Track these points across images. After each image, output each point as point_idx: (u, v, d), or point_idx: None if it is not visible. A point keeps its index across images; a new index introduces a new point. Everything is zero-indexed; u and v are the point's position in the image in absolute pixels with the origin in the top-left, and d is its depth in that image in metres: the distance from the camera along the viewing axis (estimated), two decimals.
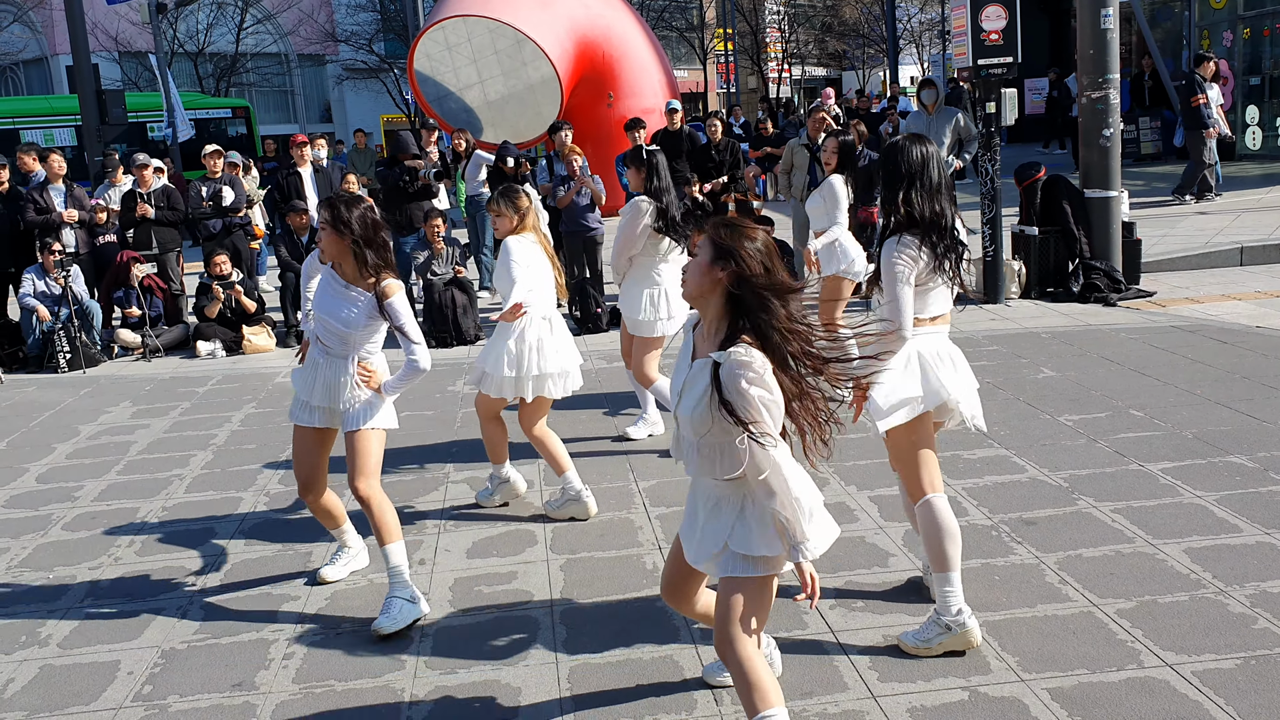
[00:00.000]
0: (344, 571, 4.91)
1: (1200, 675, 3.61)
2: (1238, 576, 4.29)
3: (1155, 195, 15.30)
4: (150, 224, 11.02)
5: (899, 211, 3.84)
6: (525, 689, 3.84)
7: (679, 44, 47.41)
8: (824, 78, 56.04)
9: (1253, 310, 9.00)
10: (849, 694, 3.66)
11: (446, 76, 19.08)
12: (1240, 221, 12.57)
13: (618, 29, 20.39)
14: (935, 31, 47.10)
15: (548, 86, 18.63)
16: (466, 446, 6.75)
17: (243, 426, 7.62)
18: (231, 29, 36.39)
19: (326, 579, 4.86)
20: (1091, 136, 9.88)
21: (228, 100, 29.65)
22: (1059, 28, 26.66)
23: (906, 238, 3.81)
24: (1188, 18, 20.20)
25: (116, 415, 8.19)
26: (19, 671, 4.23)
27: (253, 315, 10.50)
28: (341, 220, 4.31)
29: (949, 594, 3.82)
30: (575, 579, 4.71)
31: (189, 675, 4.10)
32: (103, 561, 5.29)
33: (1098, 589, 4.26)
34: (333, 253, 4.37)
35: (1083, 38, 9.87)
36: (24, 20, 33.89)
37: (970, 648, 3.85)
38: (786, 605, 4.31)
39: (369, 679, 3.99)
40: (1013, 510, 5.12)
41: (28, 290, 10.22)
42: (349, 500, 4.87)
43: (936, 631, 3.85)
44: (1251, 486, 5.19)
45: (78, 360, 9.93)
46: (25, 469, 6.94)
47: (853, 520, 5.13)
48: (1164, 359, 7.58)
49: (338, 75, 40.89)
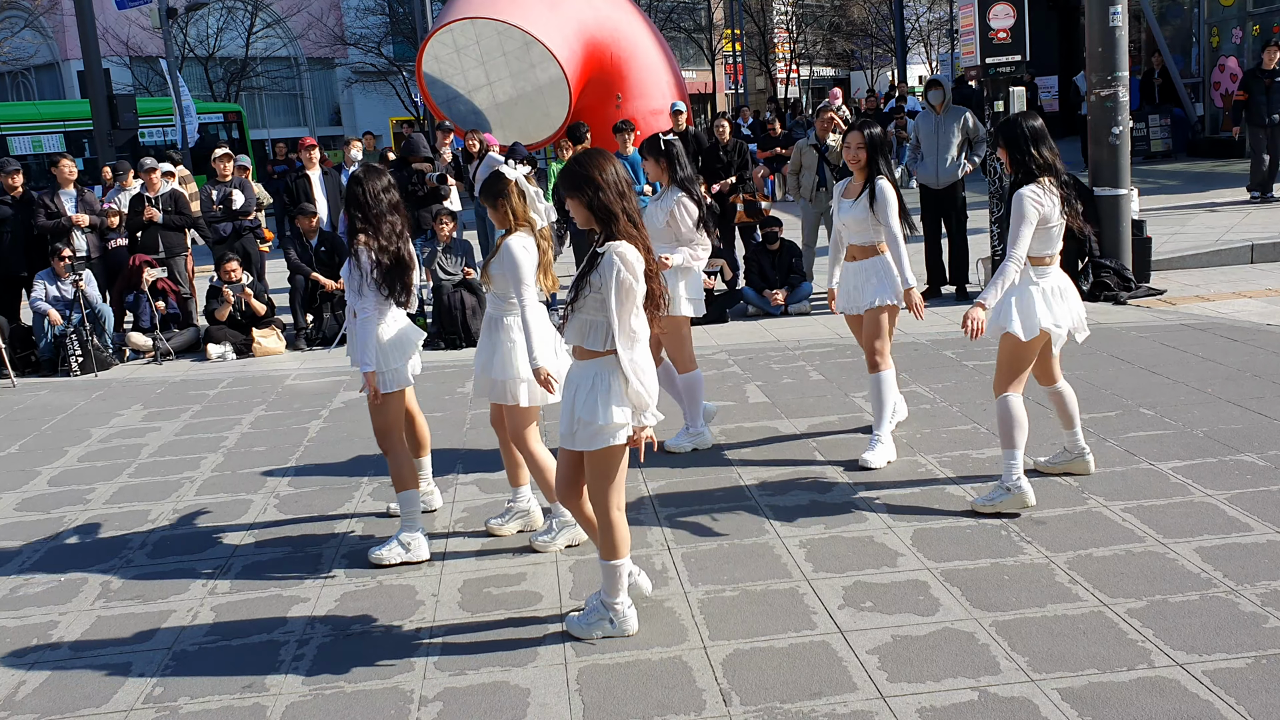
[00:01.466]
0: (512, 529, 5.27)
1: (1211, 675, 3.60)
2: (1249, 575, 4.27)
3: (1165, 193, 15.26)
4: (157, 228, 11.05)
5: (1034, 163, 4.93)
6: (534, 690, 3.84)
7: (687, 45, 47.44)
8: (832, 78, 56.06)
9: (1264, 308, 8.96)
10: (858, 694, 3.65)
11: (455, 79, 19.12)
12: (1250, 219, 12.53)
13: (626, 30, 20.41)
14: (943, 30, 47.03)
15: (556, 88, 18.65)
16: (475, 450, 6.77)
17: (253, 429, 7.64)
18: (241, 33, 36.53)
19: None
20: (1101, 134, 9.85)
21: (219, 105, 29.66)
22: (1068, 25, 26.60)
23: (1035, 186, 4.92)
24: (1197, 15, 20.13)
25: (128, 418, 8.23)
26: (31, 674, 4.25)
27: (263, 318, 10.53)
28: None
29: (1012, 466, 5.01)
30: (584, 580, 4.71)
31: (200, 677, 4.12)
32: (114, 564, 5.31)
33: (1108, 588, 4.25)
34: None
35: (1091, 35, 9.84)
36: (35, 26, 34.05)
37: (1025, 508, 5.01)
38: (794, 605, 4.32)
39: (378, 680, 4.00)
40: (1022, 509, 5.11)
41: (39, 294, 10.27)
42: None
43: (1000, 494, 5.04)
44: (1263, 485, 5.17)
45: (89, 364, 9.98)
46: (37, 472, 6.97)
47: (861, 520, 5.13)
48: (1174, 357, 7.56)
49: (347, 78, 41.04)
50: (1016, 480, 5.01)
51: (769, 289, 10.29)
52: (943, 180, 10.15)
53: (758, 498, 5.54)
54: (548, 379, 4.58)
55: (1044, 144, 4.98)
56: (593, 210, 3.97)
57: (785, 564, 4.71)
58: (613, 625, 4.16)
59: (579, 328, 3.99)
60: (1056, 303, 5.05)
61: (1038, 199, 4.91)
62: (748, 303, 10.39)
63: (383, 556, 5.02)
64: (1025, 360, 5.05)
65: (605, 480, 4.04)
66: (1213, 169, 17.73)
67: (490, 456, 6.46)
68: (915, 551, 4.74)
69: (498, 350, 4.92)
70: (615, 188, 3.95)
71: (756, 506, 5.42)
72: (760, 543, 4.96)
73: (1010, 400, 5.03)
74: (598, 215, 3.97)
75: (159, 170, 11.27)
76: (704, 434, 6.40)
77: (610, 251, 3.88)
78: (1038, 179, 4.97)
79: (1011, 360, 5.05)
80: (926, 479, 5.61)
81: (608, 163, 4.00)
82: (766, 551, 4.86)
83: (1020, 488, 5.00)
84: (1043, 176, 4.97)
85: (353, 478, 6.39)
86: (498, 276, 4.87)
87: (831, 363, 8.25)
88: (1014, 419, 5.02)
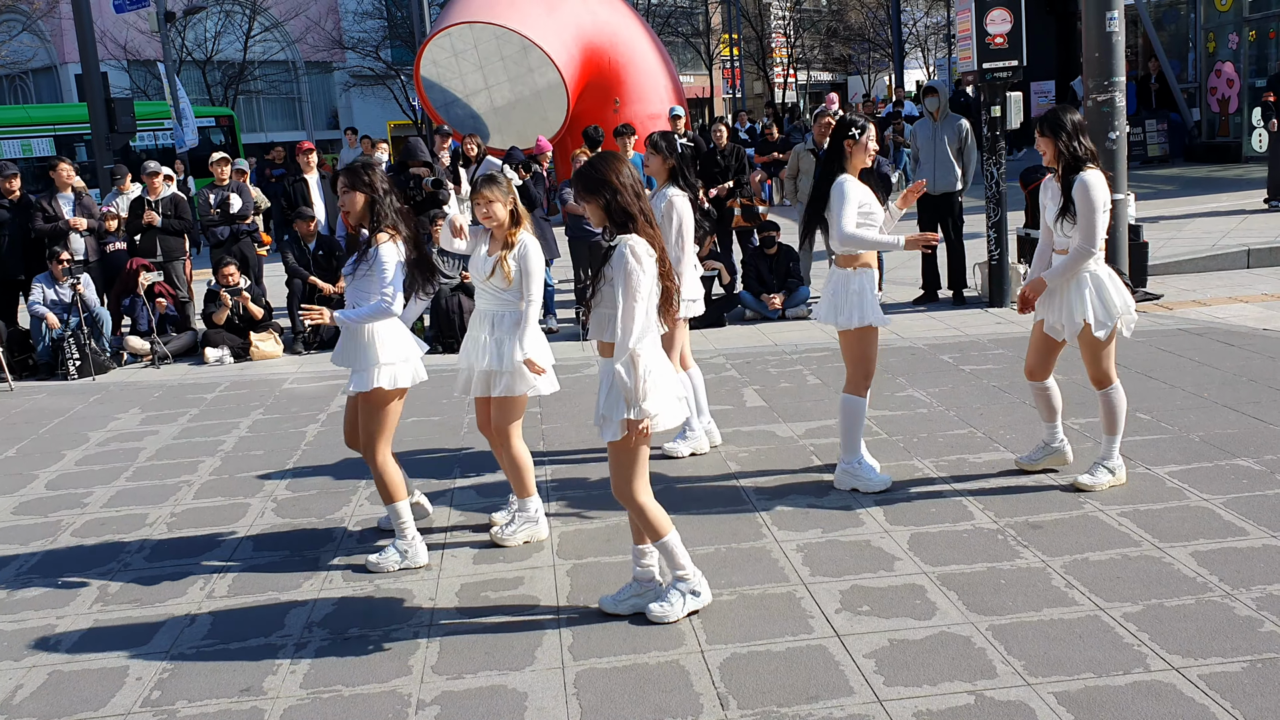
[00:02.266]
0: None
1: (1207, 679, 3.61)
2: (1244, 579, 4.28)
3: (1162, 198, 15.28)
4: (156, 232, 11.06)
5: (1081, 151, 5.08)
6: (532, 694, 3.85)
7: (685, 49, 47.48)
8: (829, 82, 56.10)
9: (1260, 313, 8.98)
10: (854, 698, 3.66)
11: (453, 83, 19.13)
12: (1247, 224, 12.56)
13: (624, 35, 20.43)
14: (940, 35, 47.11)
15: (554, 92, 18.68)
16: (472, 453, 6.77)
17: (250, 432, 7.65)
18: (239, 37, 36.50)
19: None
20: (1097, 139, 9.85)
21: (211, 109, 29.57)
22: (1065, 30, 26.64)
23: (1098, 171, 5.09)
24: (1193, 20, 20.18)
25: (125, 422, 8.23)
26: (28, 677, 4.25)
27: (260, 322, 10.54)
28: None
29: (1113, 447, 5.37)
30: (582, 584, 4.72)
31: (197, 681, 4.12)
32: (111, 568, 5.31)
33: (1104, 592, 4.26)
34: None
35: (1088, 41, 9.86)
36: (33, 29, 34.03)
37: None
38: (791, 609, 4.32)
39: (376, 684, 4.00)
40: (1019, 514, 5.12)
41: (37, 298, 10.27)
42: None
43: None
44: (1258, 489, 5.18)
45: (87, 367, 9.97)
46: (35, 475, 6.97)
47: (858, 524, 5.14)
48: (1171, 362, 7.57)
49: (345, 82, 41.01)
50: (1060, 441, 5.56)
51: (766, 293, 10.30)
52: (940, 186, 10.18)
53: (755, 501, 5.55)
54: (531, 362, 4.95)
55: (1087, 135, 5.15)
56: (610, 212, 4.05)
57: (782, 568, 4.72)
58: (696, 597, 4.30)
59: (598, 321, 4.12)
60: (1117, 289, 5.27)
61: (1104, 184, 5.07)
62: (745, 307, 10.41)
63: (381, 564, 5.02)
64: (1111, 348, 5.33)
65: (627, 470, 4.15)
66: (1209, 174, 17.78)
67: (486, 460, 6.47)
68: (912, 555, 4.75)
69: (504, 344, 4.99)
70: (632, 189, 4.05)
71: (753, 510, 5.43)
72: (757, 546, 4.97)
73: (1119, 388, 5.38)
74: (615, 218, 4.05)
75: (160, 174, 11.27)
76: (700, 437, 6.40)
77: (622, 244, 3.99)
78: (1087, 166, 5.09)
79: (1107, 347, 5.28)
80: (923, 483, 5.62)
81: (623, 165, 4.10)
82: (763, 555, 4.87)
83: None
84: (1093, 164, 5.12)
85: (350, 481, 6.39)
86: (518, 274, 4.96)
87: (829, 367, 8.26)
88: (1123, 405, 5.38)
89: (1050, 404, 5.56)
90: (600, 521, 5.43)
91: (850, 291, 5.42)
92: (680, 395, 4.19)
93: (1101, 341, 5.23)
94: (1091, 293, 5.15)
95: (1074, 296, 5.19)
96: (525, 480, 5.21)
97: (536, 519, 5.25)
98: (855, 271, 5.46)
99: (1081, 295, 5.16)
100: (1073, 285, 5.20)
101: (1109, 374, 5.32)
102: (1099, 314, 5.15)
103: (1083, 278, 5.18)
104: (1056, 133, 5.14)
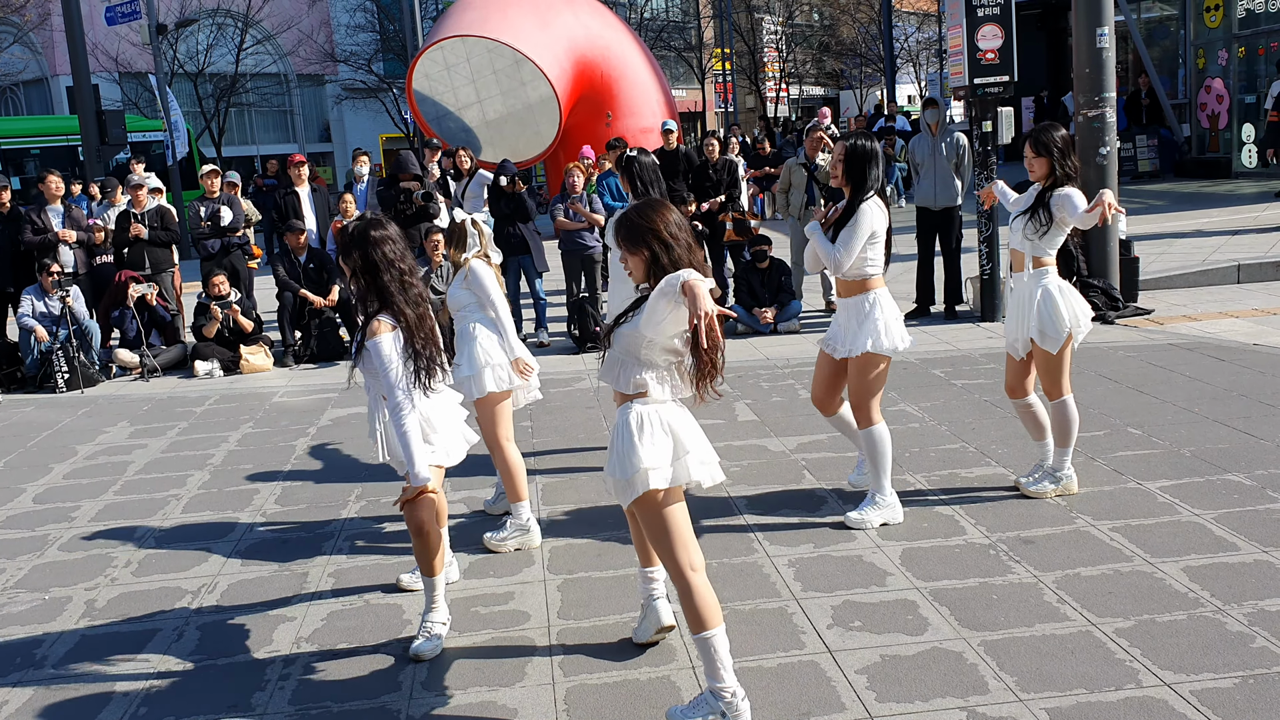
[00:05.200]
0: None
1: (1199, 694, 3.60)
2: (1236, 595, 4.28)
3: (1152, 213, 15.34)
4: (144, 244, 11.02)
5: (1069, 169, 5.25)
6: (522, 710, 3.82)
7: (677, 64, 47.61)
8: (821, 97, 56.28)
9: (1250, 328, 9.01)
10: (846, 714, 3.64)
11: (445, 96, 19.16)
12: (1237, 239, 12.60)
13: (616, 49, 20.49)
14: (932, 51, 47.32)
15: (546, 106, 18.71)
16: (462, 465, 6.74)
17: (240, 446, 7.61)
18: (231, 49, 36.53)
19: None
20: (1088, 155, 9.90)
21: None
22: (1056, 46, 26.80)
23: (1073, 188, 5.23)
24: (1183, 36, 20.29)
25: (114, 435, 8.19)
26: (13, 694, 4.21)
27: (250, 335, 10.50)
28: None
29: (1064, 458, 5.44)
30: (572, 599, 4.70)
31: (185, 697, 4.08)
32: (99, 582, 5.27)
33: (1096, 608, 4.25)
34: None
35: (1079, 57, 9.91)
36: (24, 41, 34.02)
37: (1069, 494, 5.44)
38: (783, 624, 4.30)
39: (365, 700, 3.97)
40: (1011, 529, 5.11)
41: (26, 310, 10.23)
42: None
43: (1049, 482, 5.47)
44: (1249, 504, 5.18)
45: (76, 380, 9.93)
46: (22, 489, 6.93)
47: (850, 539, 5.12)
48: (1162, 377, 7.59)
49: (337, 95, 41.07)
50: (1067, 471, 5.49)
51: (758, 307, 10.30)
52: (940, 201, 10.20)
53: (746, 516, 5.53)
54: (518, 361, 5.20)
55: (1075, 153, 5.41)
56: (658, 271, 3.43)
57: (774, 583, 4.71)
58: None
59: (609, 364, 3.62)
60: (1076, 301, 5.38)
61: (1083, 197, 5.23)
62: (737, 321, 10.40)
63: (423, 651, 4.29)
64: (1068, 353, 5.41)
65: (664, 536, 3.52)
66: (1199, 189, 17.84)
67: (479, 473, 6.44)
68: (904, 571, 4.74)
69: (464, 350, 5.31)
70: (686, 243, 3.46)
71: (745, 525, 5.41)
72: (749, 562, 4.96)
73: (1069, 402, 5.40)
74: (662, 277, 3.39)
75: (145, 187, 11.24)
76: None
77: (677, 274, 3.30)
78: (1069, 183, 5.29)
79: (1062, 360, 5.34)
80: (915, 497, 5.62)
81: (670, 213, 3.50)
82: (755, 570, 4.85)
83: (1069, 477, 5.48)
84: (1073, 183, 5.34)
85: (340, 495, 6.36)
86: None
87: None
88: (1071, 420, 5.41)
89: (1037, 420, 5.59)
90: (591, 537, 5.41)
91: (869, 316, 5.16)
92: (704, 460, 3.68)
93: (1052, 355, 5.30)
94: (1041, 307, 5.27)
95: (1025, 312, 5.33)
96: (516, 485, 5.31)
97: (528, 527, 5.32)
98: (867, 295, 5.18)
99: (1032, 310, 5.29)
100: (1025, 300, 5.34)
101: (1061, 386, 5.37)
102: (1047, 329, 5.26)
103: (1033, 292, 5.30)
104: (1051, 151, 5.25)
